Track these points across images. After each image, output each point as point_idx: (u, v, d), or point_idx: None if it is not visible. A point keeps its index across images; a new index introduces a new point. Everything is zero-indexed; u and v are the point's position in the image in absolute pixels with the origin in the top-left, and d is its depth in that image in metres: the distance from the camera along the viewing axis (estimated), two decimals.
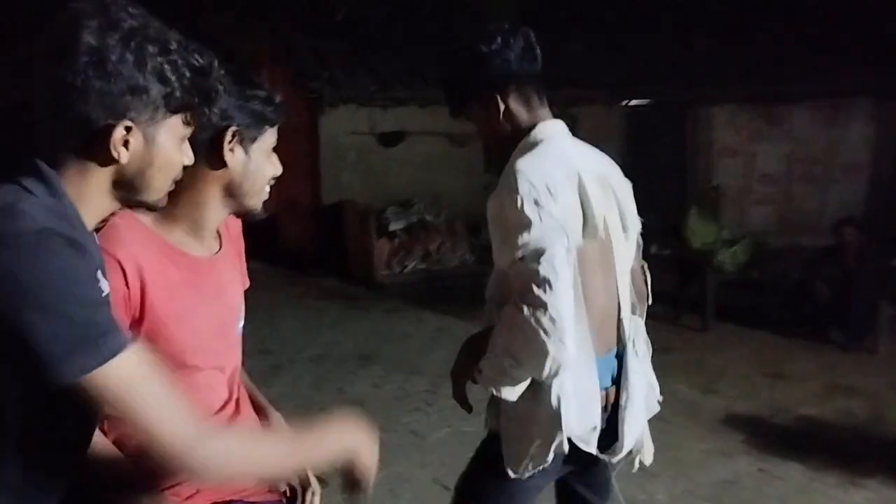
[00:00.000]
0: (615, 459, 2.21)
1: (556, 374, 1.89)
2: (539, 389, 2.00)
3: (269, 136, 1.59)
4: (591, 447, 2.08)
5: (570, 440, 2.03)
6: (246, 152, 1.54)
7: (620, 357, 2.17)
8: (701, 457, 4.45)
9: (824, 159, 12.00)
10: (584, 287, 2.02)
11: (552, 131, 2.09)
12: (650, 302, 2.39)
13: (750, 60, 11.36)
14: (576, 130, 2.20)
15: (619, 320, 2.18)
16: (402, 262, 9.77)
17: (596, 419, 2.07)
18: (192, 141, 1.38)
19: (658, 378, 2.40)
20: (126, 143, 1.15)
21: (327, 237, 10.36)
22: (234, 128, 1.49)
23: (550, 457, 2.04)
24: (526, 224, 1.88)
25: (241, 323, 1.73)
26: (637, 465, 2.32)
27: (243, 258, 1.82)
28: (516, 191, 1.90)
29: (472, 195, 11.21)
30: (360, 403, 5.30)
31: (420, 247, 9.86)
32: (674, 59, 11.44)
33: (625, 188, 2.24)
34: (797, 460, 4.37)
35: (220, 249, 1.67)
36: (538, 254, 1.86)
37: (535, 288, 1.84)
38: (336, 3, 10.92)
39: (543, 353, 1.83)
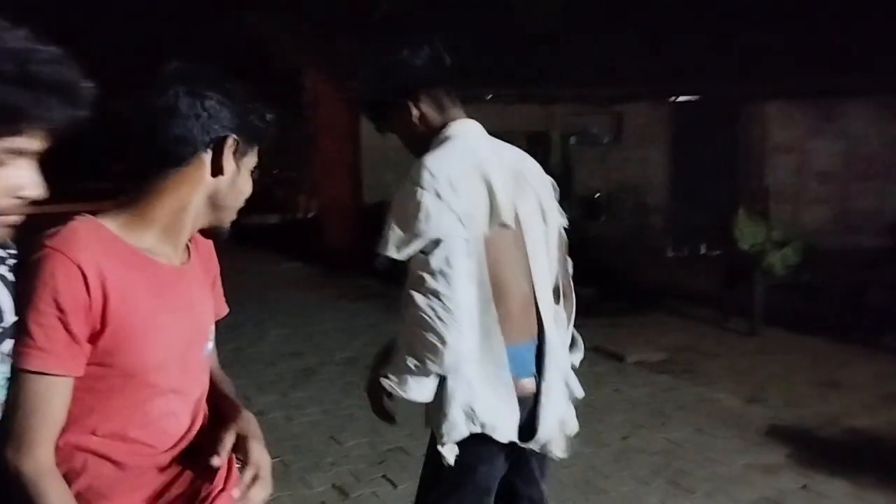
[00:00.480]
0: (535, 448, 2.20)
1: (455, 364, 1.97)
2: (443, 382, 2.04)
3: (254, 155, 1.57)
4: (506, 436, 2.09)
5: (484, 433, 2.06)
6: (237, 165, 1.51)
7: (541, 346, 2.19)
8: (741, 471, 4.22)
9: (884, 156, 11.54)
10: (496, 276, 2.08)
11: (462, 129, 2.20)
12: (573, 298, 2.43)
13: (805, 53, 10.96)
14: (621, 129, 2.13)
15: (538, 309, 2.19)
16: None
17: (509, 409, 2.09)
18: (192, 142, 1.44)
19: (700, 386, 2.33)
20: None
21: (369, 237, 10.26)
22: (235, 137, 1.47)
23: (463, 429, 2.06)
24: (424, 215, 1.97)
25: (210, 346, 1.62)
26: (553, 454, 2.29)
27: (217, 282, 1.72)
28: (417, 183, 2.00)
29: None
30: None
31: None
32: (724, 53, 11.09)
33: (544, 183, 2.33)
34: (845, 477, 4.11)
35: (189, 261, 1.56)
36: (434, 245, 1.95)
37: (429, 278, 1.92)
38: (376, 1, 10.85)
39: (441, 343, 1.91)
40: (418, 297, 1.94)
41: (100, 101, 1.91)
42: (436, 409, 2.08)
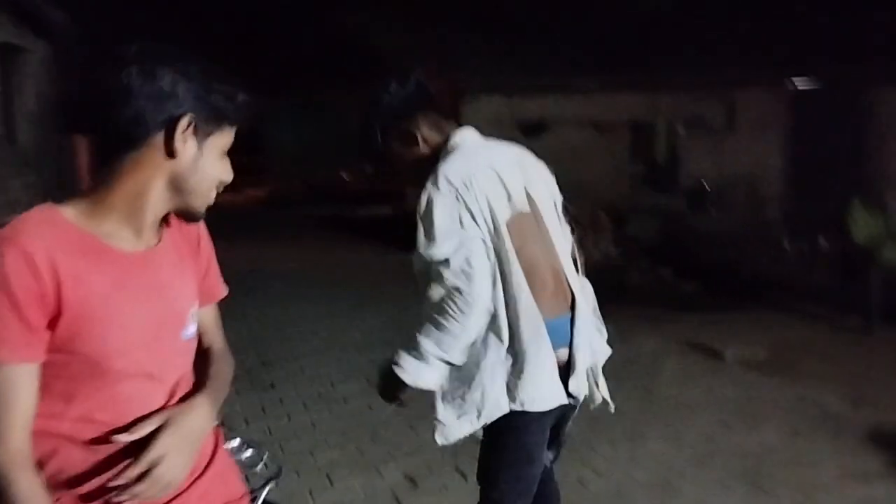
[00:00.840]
0: (575, 402, 2.42)
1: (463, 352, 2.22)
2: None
3: (226, 136, 1.50)
4: (548, 405, 2.28)
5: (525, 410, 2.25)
6: (199, 147, 1.45)
7: (573, 316, 2.37)
8: (833, 479, 3.96)
9: None
10: (525, 258, 2.26)
11: (463, 136, 2.39)
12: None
13: None
14: (734, 116, 2.06)
15: (567, 283, 2.39)
16: None
17: (551, 381, 2.28)
18: (144, 123, 1.39)
19: (801, 386, 2.40)
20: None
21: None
22: (190, 116, 1.41)
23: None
24: (446, 219, 2.19)
25: (191, 329, 1.57)
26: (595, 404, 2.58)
27: (211, 264, 1.69)
28: (437, 189, 2.20)
29: (618, 185, 10.80)
30: None
31: None
32: (846, 35, 10.43)
33: (542, 168, 2.55)
34: None
35: (158, 244, 1.52)
36: (456, 246, 2.17)
37: (450, 276, 2.15)
38: None
39: (458, 333, 2.17)
40: (440, 292, 2.17)
41: None
42: (478, 389, 2.25)
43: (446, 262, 2.18)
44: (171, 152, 1.41)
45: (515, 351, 2.26)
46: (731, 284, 8.75)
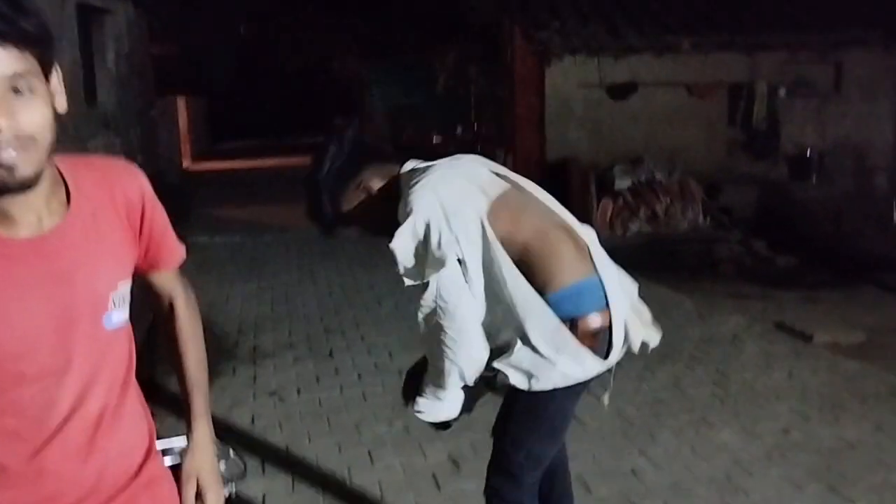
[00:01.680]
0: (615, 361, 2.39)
1: (475, 374, 2.27)
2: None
3: None
4: (576, 379, 2.25)
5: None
6: None
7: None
8: None
9: None
10: (523, 239, 2.24)
11: (409, 166, 2.41)
12: None
13: None
14: (840, 79, 1.77)
15: (581, 241, 2.35)
16: (625, 223, 9.09)
17: (573, 359, 2.21)
18: None
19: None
20: None
21: (552, 195, 9.93)
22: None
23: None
24: (408, 255, 2.22)
25: (117, 315, 1.38)
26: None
27: (160, 229, 1.50)
28: (411, 218, 2.20)
29: (711, 152, 10.22)
30: None
31: (646, 207, 9.10)
32: None
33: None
34: None
35: (59, 225, 1.30)
36: (434, 274, 2.18)
37: (433, 311, 2.21)
38: None
39: (455, 366, 2.23)
40: (429, 331, 2.25)
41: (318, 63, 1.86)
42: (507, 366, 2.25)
43: (429, 292, 2.21)
44: None
45: (532, 344, 2.22)
46: (832, 260, 8.18)
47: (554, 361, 2.19)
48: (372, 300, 6.91)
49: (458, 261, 2.19)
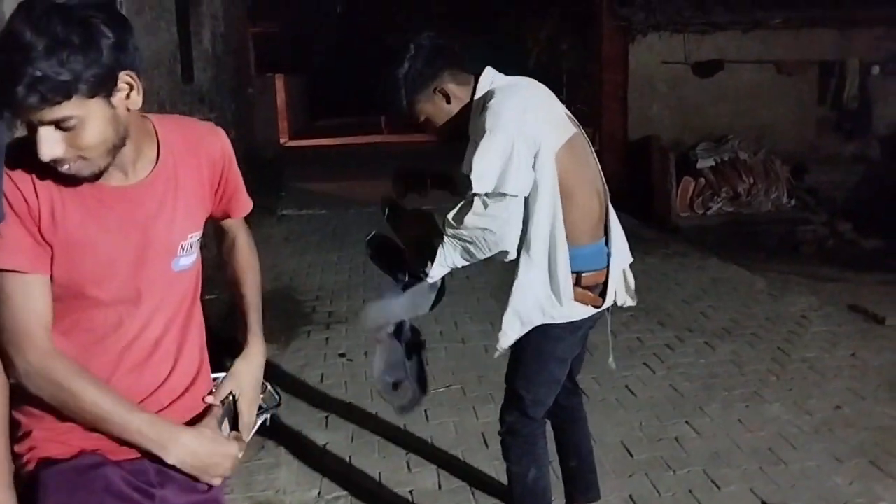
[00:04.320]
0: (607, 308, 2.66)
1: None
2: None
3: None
4: (579, 316, 2.52)
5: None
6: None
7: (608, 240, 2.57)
8: None
9: None
10: (569, 187, 2.39)
11: (492, 77, 2.48)
12: None
13: None
14: None
15: (607, 207, 2.57)
16: (705, 203, 9.02)
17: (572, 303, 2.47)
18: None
19: None
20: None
21: (633, 174, 9.90)
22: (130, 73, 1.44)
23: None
24: (496, 160, 2.29)
25: (185, 260, 1.65)
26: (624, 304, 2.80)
27: (233, 185, 1.79)
28: (497, 125, 2.29)
29: (800, 131, 9.98)
30: (588, 350, 5.01)
31: (728, 187, 8.99)
32: None
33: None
34: None
35: (147, 178, 1.58)
36: (499, 185, 2.29)
37: (488, 218, 2.33)
38: None
39: (479, 257, 2.42)
40: (474, 222, 2.33)
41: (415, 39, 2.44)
42: (516, 302, 2.47)
43: (486, 198, 2.31)
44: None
45: (550, 273, 2.44)
46: None
47: (556, 304, 2.46)
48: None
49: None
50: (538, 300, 2.46)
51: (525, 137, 2.30)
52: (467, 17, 20.31)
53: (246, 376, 1.80)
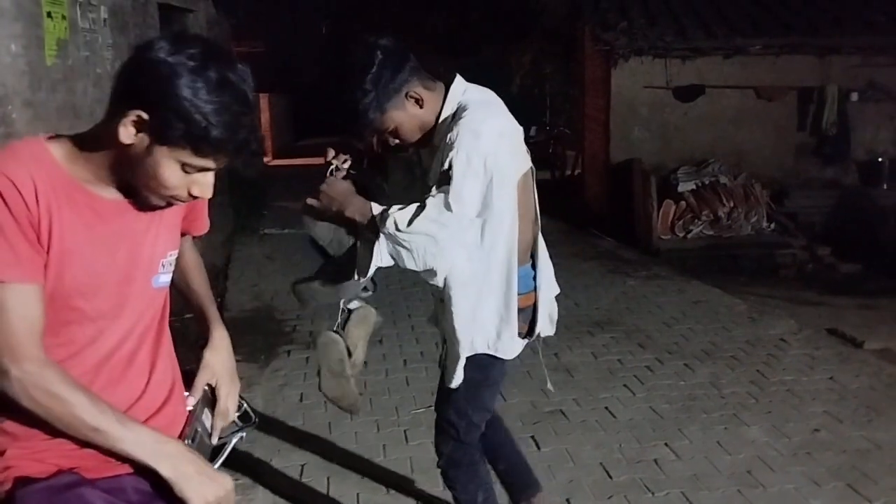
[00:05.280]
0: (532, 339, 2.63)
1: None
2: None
3: (189, 156, 1.43)
4: (517, 352, 2.53)
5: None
6: (149, 146, 1.42)
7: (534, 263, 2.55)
8: None
9: None
10: (522, 208, 2.38)
11: (464, 86, 2.39)
12: None
13: None
14: None
15: (537, 235, 2.55)
16: (686, 226, 9.09)
17: (512, 329, 2.45)
18: (115, 97, 1.44)
19: None
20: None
21: (615, 197, 9.98)
22: (137, 114, 1.38)
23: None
24: (477, 187, 2.26)
25: (163, 277, 1.65)
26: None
27: (197, 205, 1.76)
28: (478, 140, 2.23)
29: (779, 156, 10.10)
30: (568, 371, 5.04)
31: (709, 210, 9.07)
32: None
33: None
34: None
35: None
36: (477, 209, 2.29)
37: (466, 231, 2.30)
38: None
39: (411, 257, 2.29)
40: (422, 229, 2.23)
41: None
42: (463, 328, 2.43)
43: (447, 205, 2.23)
44: (116, 134, 1.41)
45: (506, 301, 2.43)
46: None
47: (503, 337, 2.45)
48: (425, 294, 7.12)
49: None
50: (486, 331, 2.43)
51: (496, 163, 2.25)
52: (451, 40, 20.46)
53: (218, 365, 1.82)
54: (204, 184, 1.49)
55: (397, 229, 2.22)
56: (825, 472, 3.69)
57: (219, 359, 1.83)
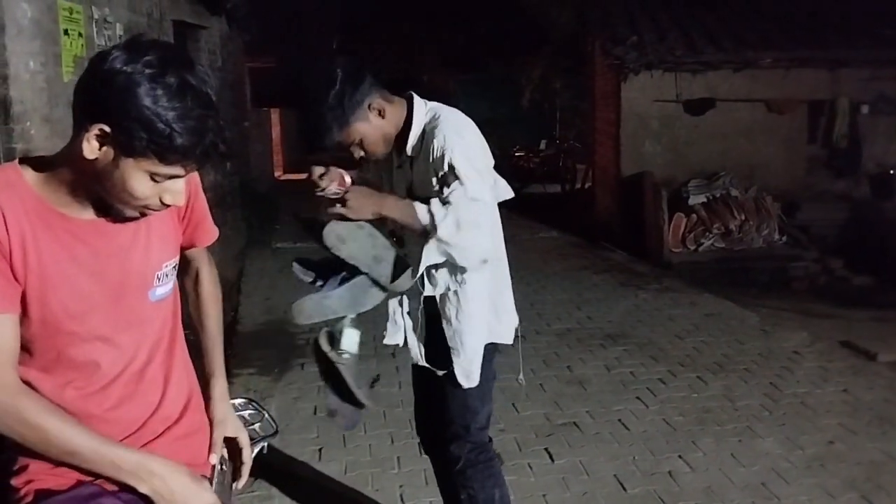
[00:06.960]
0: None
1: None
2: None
3: (155, 165, 1.40)
4: (510, 339, 2.65)
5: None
6: (115, 158, 1.39)
7: None
8: None
9: None
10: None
11: (423, 100, 2.51)
12: None
13: None
14: None
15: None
16: (697, 239, 9.09)
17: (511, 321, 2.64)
18: (77, 114, 1.41)
19: None
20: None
21: (626, 210, 9.99)
22: (100, 128, 1.36)
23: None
24: (480, 162, 2.40)
25: (161, 289, 1.63)
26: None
27: (200, 213, 1.76)
28: (462, 137, 2.36)
29: (790, 169, 10.09)
30: (581, 384, 5.04)
31: (720, 223, 9.07)
32: None
33: None
34: None
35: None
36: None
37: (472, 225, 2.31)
38: None
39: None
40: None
41: (407, 76, 2.29)
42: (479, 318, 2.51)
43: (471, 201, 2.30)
44: (79, 148, 1.39)
45: (500, 290, 2.58)
46: None
47: (503, 309, 2.59)
48: None
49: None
50: (485, 318, 2.52)
51: (484, 155, 2.43)
52: (461, 56, 20.54)
53: (230, 419, 1.85)
54: (175, 191, 1.47)
55: (447, 236, 2.26)
56: (839, 484, 3.68)
57: (228, 411, 1.85)
